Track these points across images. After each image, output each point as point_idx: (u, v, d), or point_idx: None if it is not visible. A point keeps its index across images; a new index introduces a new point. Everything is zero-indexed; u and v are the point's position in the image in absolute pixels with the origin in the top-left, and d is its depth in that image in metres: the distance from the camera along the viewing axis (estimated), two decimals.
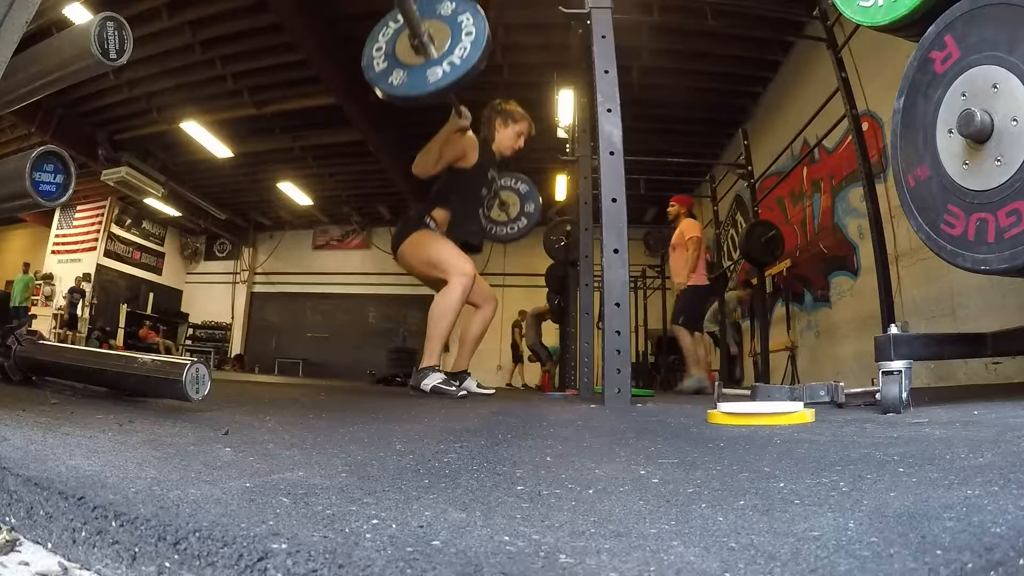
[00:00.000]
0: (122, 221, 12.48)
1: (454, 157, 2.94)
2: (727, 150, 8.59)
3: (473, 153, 3.00)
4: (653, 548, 0.41)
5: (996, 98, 1.34)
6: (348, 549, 0.39)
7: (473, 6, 2.56)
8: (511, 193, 4.06)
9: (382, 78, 2.55)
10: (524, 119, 3.21)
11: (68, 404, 1.16)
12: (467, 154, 2.98)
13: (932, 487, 0.58)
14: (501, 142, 3.18)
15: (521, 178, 4.12)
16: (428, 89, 2.44)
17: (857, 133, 3.91)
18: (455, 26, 2.52)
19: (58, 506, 0.47)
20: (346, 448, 0.86)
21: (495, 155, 3.18)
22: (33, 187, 1.32)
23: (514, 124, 3.18)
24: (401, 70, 2.53)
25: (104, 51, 1.34)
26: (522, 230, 4.07)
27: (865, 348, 4.02)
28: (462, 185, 2.98)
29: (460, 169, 2.98)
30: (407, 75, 2.50)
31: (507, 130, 3.18)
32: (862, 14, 1.79)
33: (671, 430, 1.26)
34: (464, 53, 2.44)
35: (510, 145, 3.20)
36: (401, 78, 2.51)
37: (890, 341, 1.45)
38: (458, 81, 2.43)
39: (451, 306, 2.74)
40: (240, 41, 7.00)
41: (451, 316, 2.75)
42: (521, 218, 4.07)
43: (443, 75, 2.42)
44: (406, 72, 2.51)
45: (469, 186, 3.01)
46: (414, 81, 2.48)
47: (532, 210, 4.08)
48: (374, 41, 2.68)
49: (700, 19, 5.44)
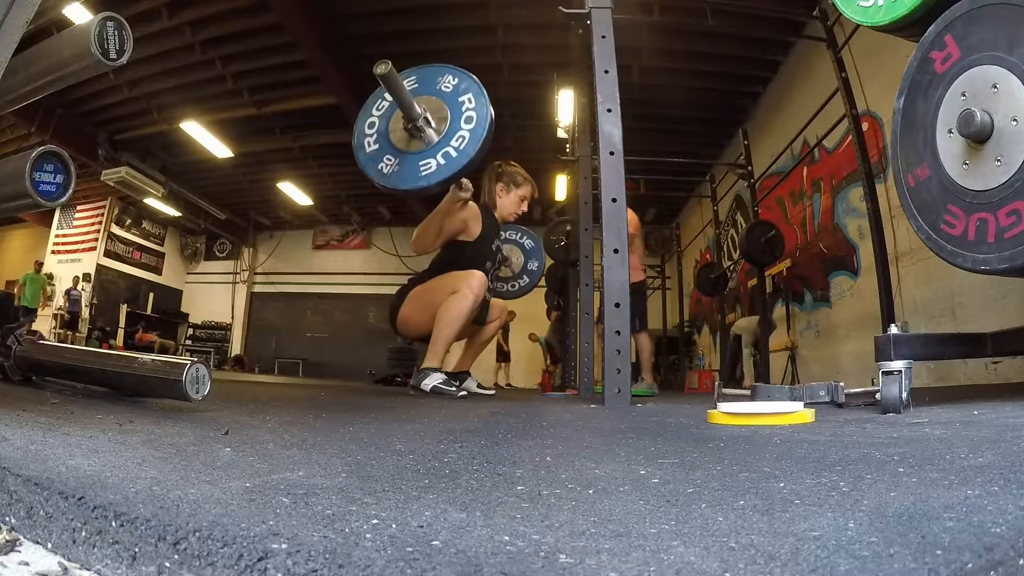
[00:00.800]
0: (122, 221, 12.48)
1: (455, 231, 2.80)
2: (727, 150, 8.60)
3: (475, 225, 2.85)
4: (653, 548, 0.41)
5: (996, 98, 1.34)
6: (348, 549, 0.39)
7: (477, 86, 2.38)
8: (514, 247, 3.91)
9: (372, 163, 2.37)
10: (527, 183, 3.08)
11: (68, 404, 1.16)
12: (468, 227, 2.84)
13: (932, 487, 0.58)
14: (504, 208, 3.05)
15: (528, 233, 3.97)
16: (419, 184, 2.27)
17: (857, 133, 3.91)
18: (455, 107, 2.34)
19: (58, 506, 0.47)
20: (346, 448, 0.86)
21: (498, 223, 3.05)
22: (33, 187, 1.32)
23: (516, 189, 3.05)
24: (393, 157, 2.34)
25: (104, 51, 1.34)
26: (523, 288, 3.95)
27: (865, 348, 4.01)
28: (464, 260, 2.80)
29: (461, 242, 2.84)
30: (399, 164, 2.32)
31: (509, 196, 3.05)
32: (862, 14, 1.79)
33: (671, 430, 1.26)
34: (462, 144, 2.26)
35: (513, 211, 3.08)
36: (392, 167, 2.33)
37: (890, 341, 1.45)
38: (452, 177, 2.27)
39: (461, 313, 2.65)
40: (240, 41, 7.01)
41: (460, 322, 2.67)
42: (523, 276, 3.94)
43: (437, 168, 2.26)
44: (398, 160, 2.33)
45: (472, 261, 2.81)
46: (405, 172, 2.30)
47: (535, 268, 3.95)
48: (367, 115, 2.49)
49: (700, 19, 5.44)
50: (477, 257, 2.83)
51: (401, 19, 6.42)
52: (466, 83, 2.39)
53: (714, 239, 8.26)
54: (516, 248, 3.93)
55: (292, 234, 14.16)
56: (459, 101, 2.35)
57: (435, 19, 6.41)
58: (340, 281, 13.60)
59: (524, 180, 3.08)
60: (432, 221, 2.73)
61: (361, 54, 6.99)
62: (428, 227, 2.74)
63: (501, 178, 3.06)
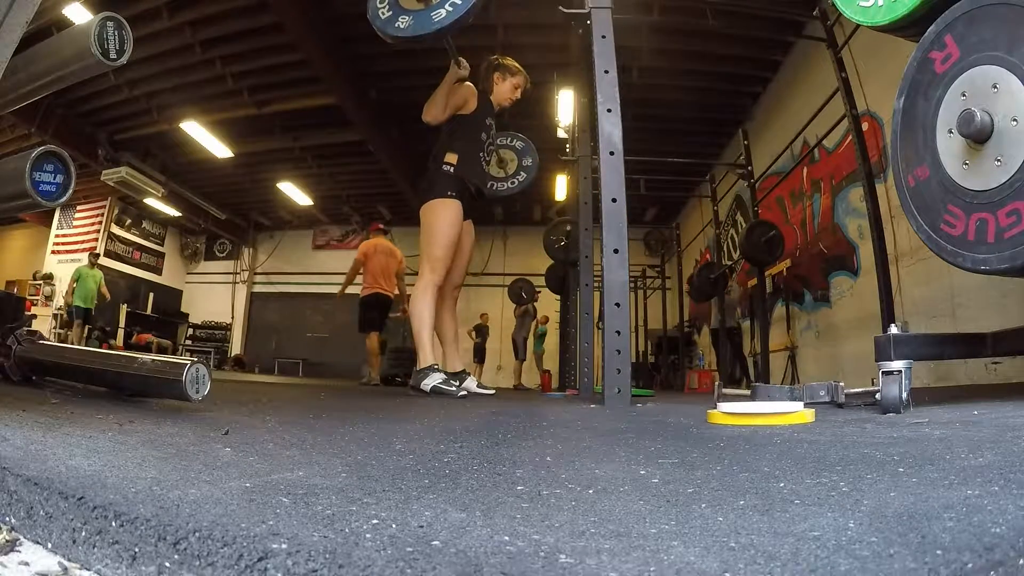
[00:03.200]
0: (122, 221, 12.48)
1: (457, 105, 3.15)
2: (727, 150, 8.60)
3: (473, 100, 3.20)
4: (653, 548, 0.41)
5: (996, 98, 1.34)
6: (348, 549, 0.39)
7: None
8: (508, 151, 4.14)
9: (388, 24, 2.69)
10: (520, 73, 3.40)
11: (68, 404, 1.16)
12: (468, 102, 3.18)
13: (932, 487, 0.58)
14: (499, 94, 3.36)
15: (517, 136, 4.20)
16: (434, 27, 2.57)
17: (857, 133, 3.91)
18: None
19: (58, 506, 0.47)
20: (346, 448, 0.86)
21: (493, 105, 3.37)
22: (33, 187, 1.32)
23: (511, 77, 3.37)
24: (406, 15, 2.68)
25: (104, 51, 1.34)
26: (522, 183, 4.15)
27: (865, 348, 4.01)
28: (464, 130, 3.17)
29: (461, 116, 3.18)
30: (412, 19, 2.65)
31: (505, 83, 3.37)
32: (862, 14, 1.79)
33: (671, 430, 1.26)
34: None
35: (508, 96, 3.38)
36: (407, 22, 2.66)
37: (890, 341, 1.45)
38: (461, 19, 2.54)
39: (421, 306, 2.95)
40: (240, 41, 7.01)
41: (424, 314, 2.94)
42: (520, 172, 4.14)
43: (447, 14, 2.56)
44: (411, 17, 2.66)
45: (470, 131, 3.19)
46: (419, 23, 2.62)
47: (530, 163, 4.15)
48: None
49: (700, 19, 5.44)
50: (475, 128, 3.21)
51: None
52: None
53: (714, 239, 8.27)
54: (509, 151, 4.14)
55: (292, 234, 14.16)
56: None
57: None
58: (340, 281, 13.58)
59: (518, 70, 3.40)
60: (438, 95, 3.11)
61: (361, 54, 6.99)
62: (435, 100, 3.12)
63: (497, 68, 3.38)
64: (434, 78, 3.26)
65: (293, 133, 9.06)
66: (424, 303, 2.95)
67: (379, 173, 10.20)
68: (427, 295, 2.95)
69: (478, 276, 11.97)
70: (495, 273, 12.59)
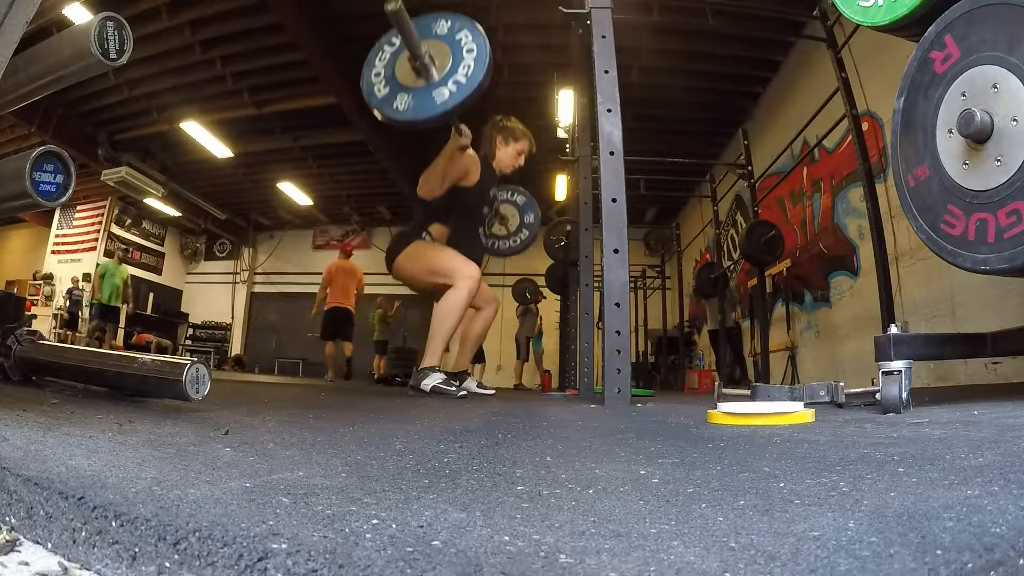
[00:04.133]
0: (122, 221, 12.48)
1: (457, 177, 2.91)
2: (727, 150, 8.60)
3: (475, 171, 2.98)
4: (653, 548, 0.41)
5: (996, 98, 1.34)
6: (348, 549, 0.39)
7: (470, 23, 2.51)
8: (509, 206, 4.02)
9: (386, 104, 2.49)
10: (525, 137, 3.18)
11: (68, 404, 1.16)
12: (469, 172, 2.96)
13: (932, 487, 0.58)
14: (502, 160, 3.16)
15: (518, 190, 4.07)
16: (437, 111, 2.39)
17: (857, 133, 3.91)
18: (454, 44, 2.47)
19: (58, 506, 0.47)
20: (346, 448, 0.86)
21: (496, 173, 3.16)
22: (33, 187, 1.32)
23: (515, 143, 3.15)
24: (405, 94, 2.46)
25: (104, 51, 1.34)
26: (524, 242, 4.03)
27: (865, 348, 4.02)
28: (463, 203, 2.96)
29: (461, 187, 2.95)
30: (412, 99, 2.44)
31: (508, 148, 3.15)
32: (862, 14, 1.79)
33: (671, 430, 1.26)
34: (468, 71, 2.39)
35: (511, 164, 3.18)
36: (407, 102, 2.44)
37: (890, 341, 1.45)
38: (465, 100, 2.38)
39: (457, 308, 2.74)
40: (240, 41, 7.01)
41: (456, 317, 2.75)
42: (522, 230, 4.03)
43: (450, 95, 2.38)
44: (411, 95, 2.45)
45: (470, 205, 3.00)
46: (421, 104, 2.42)
47: (532, 220, 4.04)
48: (371, 67, 2.61)
49: (700, 19, 5.44)
50: (475, 202, 2.99)
51: None
52: (460, 22, 2.53)
53: (714, 239, 8.26)
54: (510, 206, 4.03)
55: (292, 234, 14.15)
56: (457, 39, 2.49)
57: None
58: None
59: (522, 135, 3.18)
60: (436, 168, 2.85)
61: (361, 54, 6.98)
62: (433, 173, 2.87)
63: (501, 131, 3.17)
64: None
65: (293, 133, 9.06)
66: (457, 306, 2.73)
67: (379, 173, 10.20)
68: (463, 301, 2.73)
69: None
70: (495, 273, 12.56)
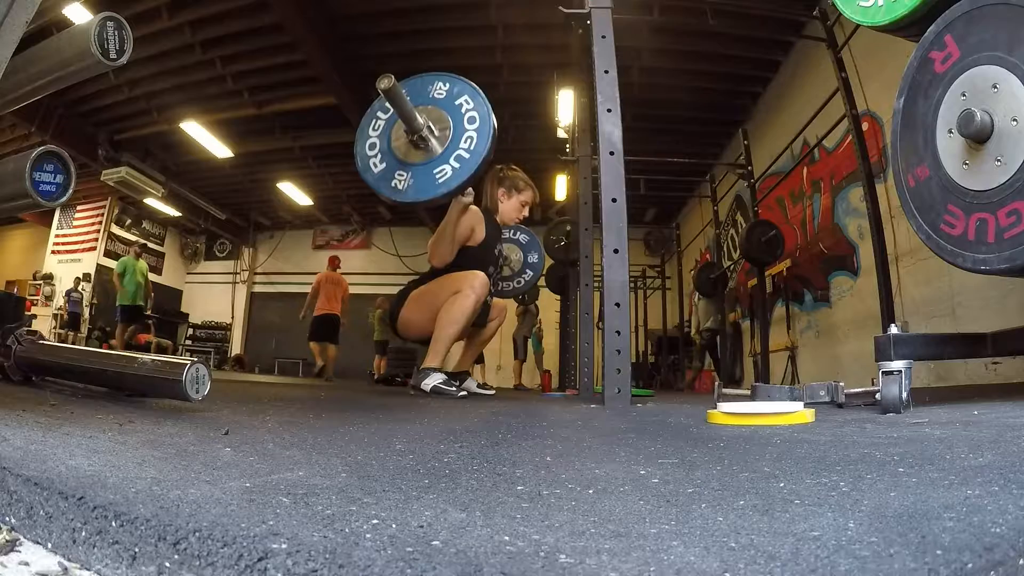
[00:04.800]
0: (122, 221, 12.48)
1: (463, 238, 2.83)
2: (727, 150, 8.60)
3: (480, 229, 2.88)
4: (653, 548, 0.41)
5: (996, 98, 1.34)
6: (348, 549, 0.39)
7: (471, 87, 2.36)
8: (512, 245, 3.90)
9: (384, 182, 2.30)
10: (528, 188, 3.09)
11: (68, 404, 1.16)
12: (475, 231, 2.87)
13: (932, 487, 0.58)
14: (505, 213, 3.07)
15: (521, 229, 3.94)
16: (439, 192, 2.23)
17: (857, 133, 3.91)
18: (454, 111, 2.31)
19: (58, 506, 0.47)
20: (346, 448, 0.86)
21: (499, 227, 3.06)
22: (33, 187, 1.32)
23: (518, 194, 3.07)
24: (404, 171, 2.28)
25: (104, 51, 1.34)
26: (528, 282, 3.95)
27: (865, 348, 4.01)
28: (468, 264, 2.82)
29: (467, 247, 2.86)
30: (412, 177, 2.27)
31: (511, 201, 3.07)
32: (862, 14, 1.79)
33: (671, 430, 1.26)
34: (471, 144, 2.24)
35: (515, 217, 3.10)
36: (406, 181, 2.27)
37: (890, 341, 1.45)
38: (470, 178, 2.23)
39: (463, 314, 2.67)
40: (240, 41, 7.01)
41: (462, 323, 2.69)
42: (526, 271, 3.93)
43: (453, 172, 2.22)
44: (410, 174, 2.27)
45: (475, 265, 2.82)
46: (422, 184, 2.24)
47: (536, 260, 3.94)
48: (365, 137, 2.42)
49: (700, 19, 5.44)
50: (481, 261, 2.86)
51: (401, 19, 6.42)
52: (459, 86, 2.37)
53: (714, 239, 8.26)
54: (513, 246, 3.93)
55: (292, 234, 14.15)
56: (456, 104, 2.32)
57: (435, 19, 6.42)
58: None
59: (526, 185, 3.09)
60: (445, 234, 2.75)
61: (361, 54, 6.99)
62: (442, 240, 2.76)
63: (503, 183, 3.07)
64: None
65: (293, 133, 9.06)
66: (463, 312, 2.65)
67: None
68: (469, 307, 2.66)
69: None
70: None
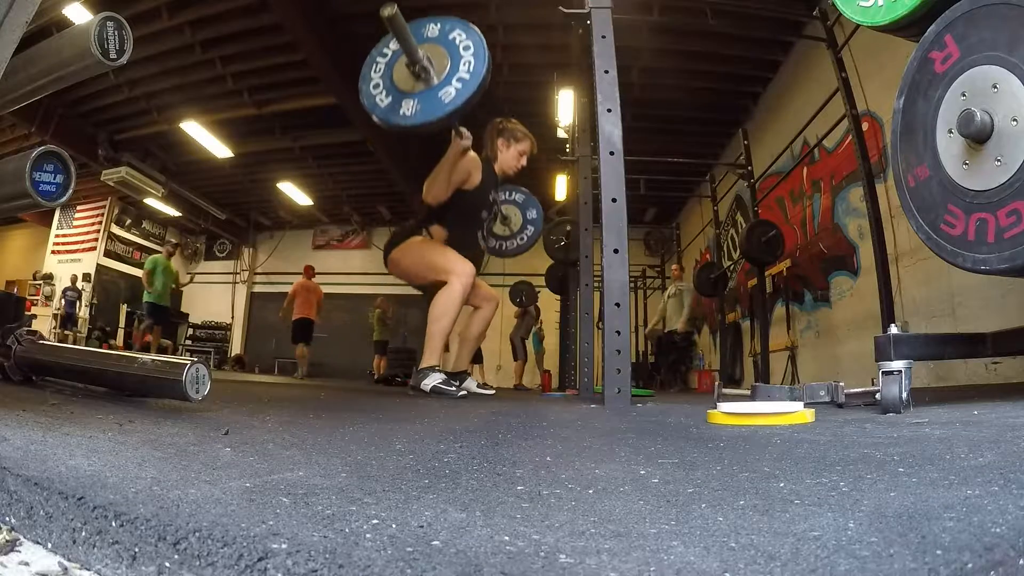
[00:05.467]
0: (122, 221, 12.48)
1: (460, 180, 2.92)
2: (727, 150, 8.60)
3: (477, 173, 2.98)
4: (653, 548, 0.41)
5: (996, 98, 1.34)
6: (348, 549, 0.39)
7: (461, 21, 2.51)
8: (510, 205, 3.99)
9: (392, 112, 2.46)
10: (526, 138, 3.19)
11: (68, 404, 1.16)
12: (471, 175, 2.96)
13: (932, 487, 0.58)
14: (505, 162, 3.16)
15: (516, 189, 4.04)
16: (446, 110, 2.37)
17: (857, 133, 3.91)
18: (449, 45, 2.47)
19: (58, 506, 0.47)
20: (346, 448, 0.86)
21: (497, 176, 3.17)
22: (33, 187, 1.32)
23: (516, 144, 3.16)
24: (410, 99, 2.44)
25: (104, 51, 1.34)
26: (530, 238, 4.00)
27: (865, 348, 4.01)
28: (463, 207, 2.96)
29: (462, 191, 2.95)
30: (419, 103, 2.42)
31: (510, 150, 3.16)
32: (862, 14, 1.79)
33: (671, 430, 1.26)
34: (470, 67, 2.40)
35: (514, 165, 3.19)
36: (413, 107, 2.43)
37: (890, 341, 1.45)
38: (472, 96, 2.37)
39: (451, 304, 2.74)
40: (240, 41, 7.01)
41: (452, 314, 2.76)
42: (527, 227, 4.01)
43: (457, 93, 2.37)
44: (416, 100, 2.43)
45: (470, 208, 3.00)
46: (429, 106, 2.40)
47: (535, 216, 4.02)
48: (368, 80, 2.60)
49: (700, 19, 5.44)
50: (475, 206, 3.00)
51: None
52: (450, 23, 2.54)
53: (714, 239, 8.26)
54: (511, 206, 4.00)
55: (292, 234, 14.15)
56: (451, 39, 2.49)
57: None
58: (340, 281, 13.58)
59: (524, 136, 3.20)
60: (441, 173, 2.86)
61: (361, 54, 6.98)
62: (437, 178, 2.88)
63: (502, 134, 3.18)
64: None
65: (293, 133, 9.06)
66: (452, 305, 2.73)
67: (379, 173, 10.20)
68: (458, 299, 2.74)
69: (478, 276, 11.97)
70: (495, 273, 12.57)
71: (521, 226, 4.01)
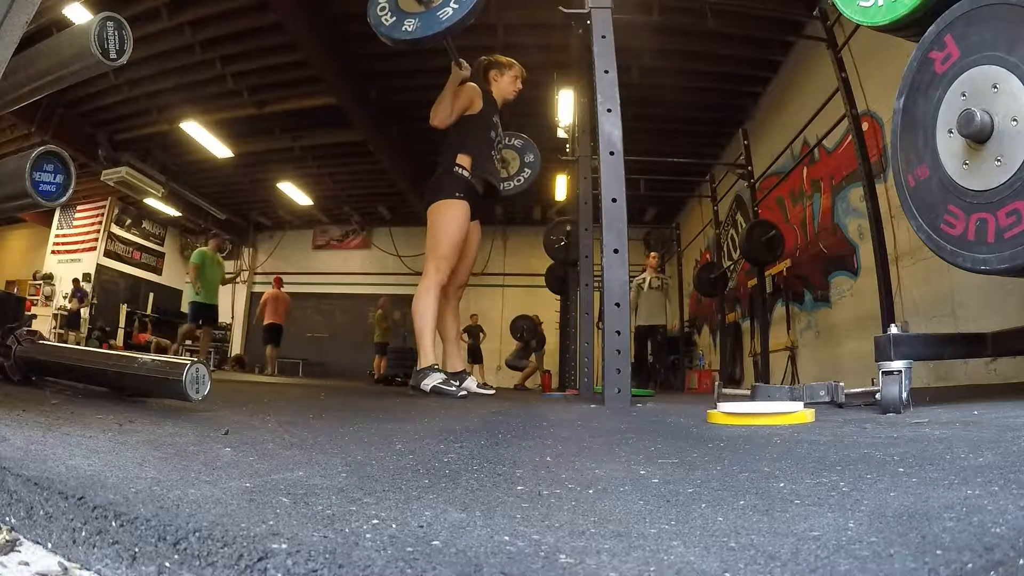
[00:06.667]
0: (122, 221, 12.47)
1: (463, 107, 3.19)
2: (727, 150, 8.60)
3: (479, 100, 3.25)
4: (653, 548, 0.41)
5: (996, 98, 1.34)
6: (348, 549, 0.39)
7: None
8: (509, 150, 4.18)
9: (395, 29, 2.72)
10: (514, 64, 3.49)
11: (68, 404, 1.16)
12: (474, 102, 3.24)
13: (932, 487, 0.58)
14: (502, 89, 3.44)
15: (515, 135, 4.24)
16: (444, 25, 2.61)
17: (857, 133, 3.91)
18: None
19: (58, 506, 0.47)
20: (346, 448, 0.86)
21: (496, 102, 3.42)
22: (33, 187, 1.32)
23: (508, 71, 3.46)
24: (412, 18, 2.71)
25: (104, 51, 1.34)
26: (528, 179, 4.18)
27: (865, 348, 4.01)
28: (473, 130, 3.21)
29: (469, 116, 3.22)
30: (419, 21, 2.69)
31: (504, 78, 3.45)
32: (862, 14, 1.79)
33: (671, 430, 1.26)
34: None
35: (511, 89, 3.46)
36: (414, 24, 2.70)
37: (890, 341, 1.45)
38: (468, 14, 2.58)
39: (424, 305, 2.95)
40: (240, 41, 7.00)
41: (430, 312, 2.95)
42: (524, 170, 4.19)
43: (453, 11, 2.61)
44: (417, 19, 2.70)
45: (479, 130, 3.24)
46: (427, 23, 2.66)
47: (532, 159, 4.20)
48: (374, 4, 2.86)
49: (700, 19, 5.43)
50: (484, 127, 3.26)
51: None
52: None
53: (714, 239, 8.26)
54: (510, 151, 4.19)
55: (292, 234, 14.15)
56: None
57: None
58: (340, 281, 13.60)
59: (511, 62, 3.49)
60: (444, 98, 3.16)
61: (361, 54, 6.99)
62: (442, 104, 3.16)
63: (492, 67, 3.47)
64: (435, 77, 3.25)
65: (293, 133, 9.05)
66: (427, 302, 2.94)
67: (379, 173, 10.19)
68: (431, 295, 2.95)
69: (478, 276, 11.97)
70: (495, 273, 12.59)
71: (519, 168, 4.20)
